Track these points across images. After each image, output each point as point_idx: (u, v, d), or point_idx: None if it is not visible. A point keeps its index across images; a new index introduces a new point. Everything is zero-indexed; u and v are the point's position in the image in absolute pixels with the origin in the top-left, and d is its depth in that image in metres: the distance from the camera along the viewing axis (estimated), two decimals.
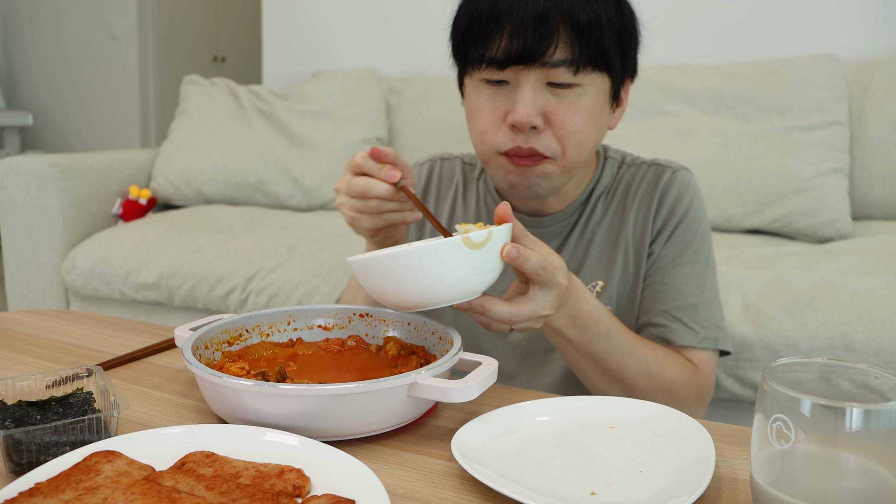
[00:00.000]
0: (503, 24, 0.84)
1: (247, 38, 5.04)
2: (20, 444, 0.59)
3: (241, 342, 0.81)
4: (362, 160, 0.82)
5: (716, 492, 0.58)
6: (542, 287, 0.73)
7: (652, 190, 0.99)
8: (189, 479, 0.54)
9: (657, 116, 2.13)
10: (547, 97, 0.86)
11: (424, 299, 0.70)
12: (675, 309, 0.94)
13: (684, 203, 0.98)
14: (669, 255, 0.97)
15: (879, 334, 1.35)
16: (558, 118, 0.87)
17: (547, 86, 0.86)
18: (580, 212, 1.02)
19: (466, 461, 0.59)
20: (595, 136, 0.91)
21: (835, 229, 1.90)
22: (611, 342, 0.84)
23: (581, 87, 0.86)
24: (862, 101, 2.04)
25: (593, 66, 0.85)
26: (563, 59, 0.84)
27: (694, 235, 0.97)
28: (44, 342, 0.94)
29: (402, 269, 0.68)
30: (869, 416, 0.45)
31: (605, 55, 0.86)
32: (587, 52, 0.84)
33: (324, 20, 2.91)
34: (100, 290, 2.08)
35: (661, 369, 0.88)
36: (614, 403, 0.72)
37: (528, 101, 0.85)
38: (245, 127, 2.50)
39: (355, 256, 0.72)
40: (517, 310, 0.72)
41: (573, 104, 0.87)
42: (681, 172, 1.00)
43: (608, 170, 1.03)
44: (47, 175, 2.16)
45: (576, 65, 0.84)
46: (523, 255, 0.70)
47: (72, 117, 4.90)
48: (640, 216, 0.99)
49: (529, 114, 0.85)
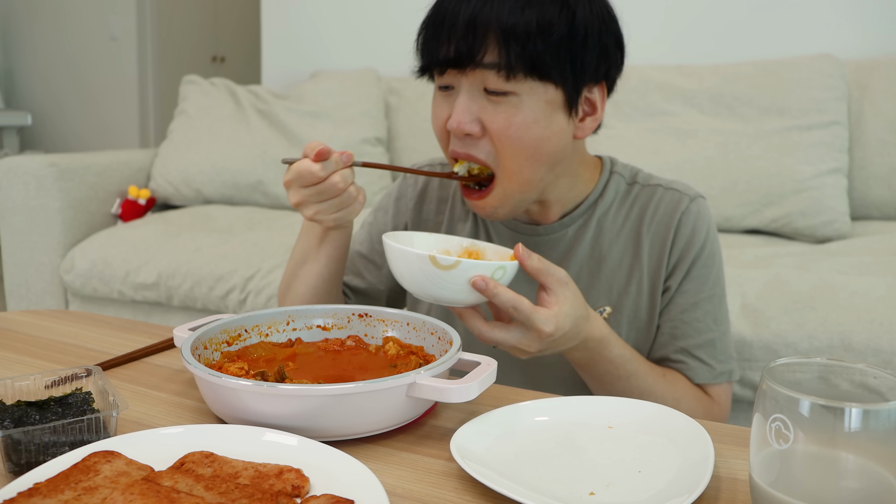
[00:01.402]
0: (440, 31, 0.86)
1: (246, 38, 5.04)
2: (19, 444, 0.59)
3: (240, 342, 0.81)
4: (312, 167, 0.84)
5: (715, 492, 0.58)
6: (520, 326, 0.77)
7: (669, 219, 0.97)
8: (188, 480, 0.54)
9: (656, 116, 2.13)
10: (483, 104, 0.86)
11: (410, 289, 0.79)
12: (693, 347, 0.96)
13: (701, 236, 0.97)
14: (689, 292, 0.96)
15: (878, 334, 1.35)
16: (494, 126, 0.86)
17: (484, 92, 0.86)
18: (584, 226, 0.99)
19: (465, 461, 0.59)
20: (542, 148, 0.88)
21: (834, 229, 1.91)
22: (629, 383, 0.88)
23: (517, 95, 0.85)
24: (861, 102, 2.04)
25: (525, 74, 0.84)
26: (492, 63, 0.83)
27: (711, 269, 0.97)
28: (43, 342, 0.94)
29: (392, 259, 0.79)
30: (868, 416, 0.45)
31: (539, 63, 0.83)
32: (517, 57, 0.83)
33: (323, 20, 2.91)
34: (99, 290, 2.08)
35: (676, 406, 0.90)
36: (614, 403, 0.72)
37: (463, 106, 0.86)
38: (244, 127, 2.50)
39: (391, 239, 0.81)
40: (487, 330, 0.78)
41: (508, 113, 0.86)
42: (698, 202, 0.98)
43: (613, 185, 1.00)
44: (46, 175, 2.16)
45: (506, 70, 0.83)
46: (492, 290, 0.74)
47: (71, 117, 4.90)
48: (656, 246, 0.97)
49: (462, 120, 0.86)
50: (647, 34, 2.41)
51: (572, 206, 1.00)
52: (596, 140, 2.13)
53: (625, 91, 2.17)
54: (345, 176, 0.85)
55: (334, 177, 0.84)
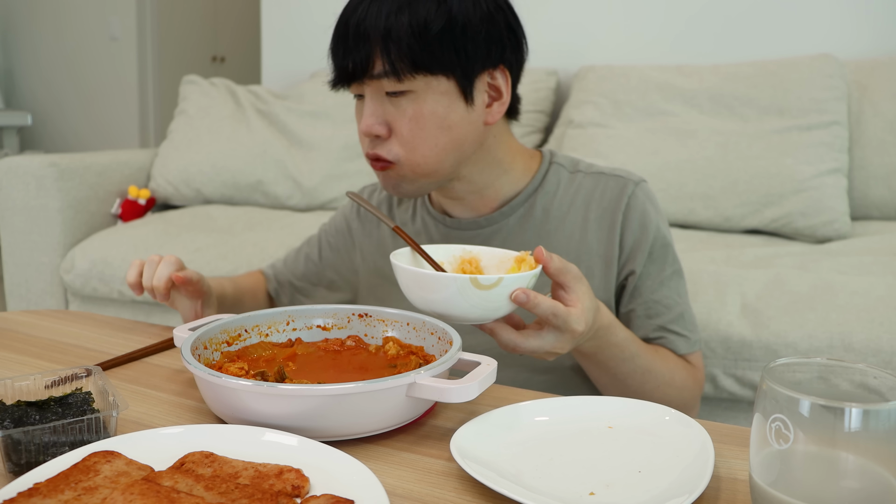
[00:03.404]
0: (339, 46, 0.92)
1: (246, 38, 5.04)
2: (19, 444, 0.59)
3: (240, 342, 0.81)
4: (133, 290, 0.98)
5: (715, 492, 0.58)
6: (554, 330, 0.77)
7: (616, 204, 1.00)
8: (188, 480, 0.54)
9: (656, 116, 2.13)
10: (387, 106, 0.92)
11: (437, 313, 0.77)
12: (669, 322, 1.01)
13: (653, 218, 1.01)
14: (654, 273, 1.01)
15: (878, 334, 1.35)
16: (397, 125, 0.91)
17: (386, 95, 0.91)
18: (526, 215, 1.02)
19: (465, 461, 0.59)
20: (445, 136, 0.92)
21: (834, 229, 1.90)
22: (634, 364, 0.91)
23: (413, 92, 0.90)
24: (861, 102, 2.04)
25: (415, 71, 0.88)
26: (381, 72, 0.88)
27: (667, 248, 1.02)
28: (43, 342, 0.94)
29: (417, 285, 0.76)
30: (868, 416, 0.45)
31: (420, 60, 0.88)
32: (400, 59, 0.87)
33: (323, 20, 2.89)
34: (99, 290, 2.08)
35: (673, 379, 0.96)
36: (613, 403, 0.72)
37: (369, 111, 0.92)
38: (244, 127, 2.50)
39: (400, 260, 0.80)
40: (523, 341, 0.77)
41: (407, 110, 0.91)
42: (642, 186, 1.02)
43: (553, 175, 1.04)
44: (46, 175, 2.16)
45: (396, 74, 0.88)
46: (533, 301, 0.74)
47: (71, 117, 4.90)
48: (603, 230, 1.01)
49: (370, 124, 0.92)
50: (646, 34, 2.41)
51: (509, 197, 1.03)
52: (596, 140, 2.13)
53: (625, 91, 2.17)
54: (157, 290, 0.96)
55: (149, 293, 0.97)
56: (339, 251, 1.20)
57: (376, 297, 1.14)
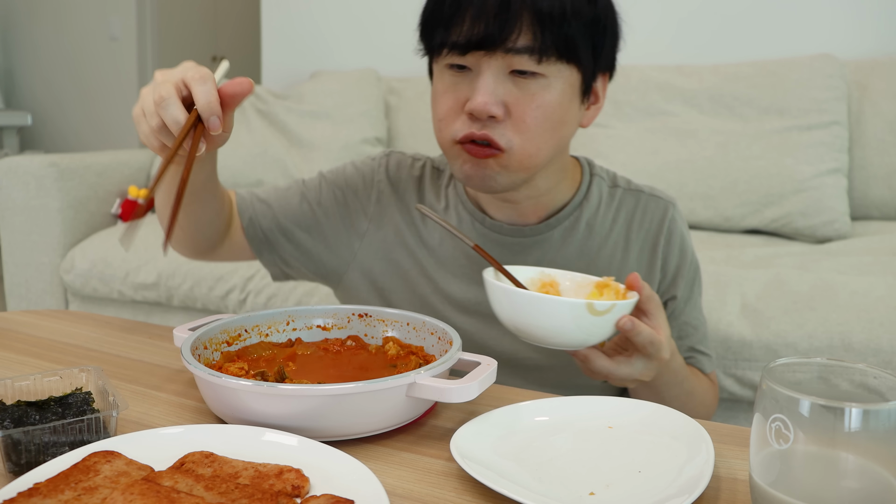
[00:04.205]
0: (466, 9, 0.81)
1: (246, 37, 5.04)
2: (19, 444, 0.59)
3: (240, 342, 0.81)
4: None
5: (715, 492, 0.58)
6: (646, 358, 0.79)
7: (658, 227, 0.99)
8: (188, 480, 0.54)
9: (656, 116, 2.13)
10: (509, 86, 0.83)
11: (533, 336, 0.76)
12: (697, 343, 1.02)
13: (688, 242, 1.02)
14: (686, 296, 1.01)
15: (878, 334, 1.35)
16: (519, 109, 0.83)
17: (510, 74, 0.83)
18: (571, 228, 0.98)
19: (465, 461, 0.59)
20: (559, 132, 0.87)
21: (834, 229, 1.91)
22: (682, 388, 0.92)
23: (545, 77, 0.83)
24: (861, 102, 2.04)
25: (558, 56, 0.82)
26: (525, 46, 0.81)
27: (697, 271, 1.03)
28: (43, 342, 0.94)
29: (524, 309, 0.74)
30: (868, 417, 0.45)
31: (571, 45, 0.82)
32: (551, 40, 0.81)
33: (323, 20, 2.91)
34: (99, 290, 2.08)
35: (704, 399, 0.98)
36: (613, 403, 0.72)
37: (488, 88, 0.82)
38: (244, 127, 2.50)
39: (492, 278, 0.79)
40: (616, 368, 0.79)
41: (536, 95, 0.83)
42: (678, 208, 1.02)
43: (595, 187, 1.00)
44: (46, 175, 2.16)
45: (539, 53, 0.81)
46: (637, 328, 0.75)
47: (71, 117, 4.90)
48: (645, 252, 0.99)
49: (488, 102, 0.81)
50: (646, 34, 2.41)
51: (556, 208, 0.98)
52: (596, 140, 2.13)
53: (625, 91, 2.17)
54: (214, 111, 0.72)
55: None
56: (348, 207, 1.03)
57: (377, 286, 1.03)
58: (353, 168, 1.06)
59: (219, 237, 1.01)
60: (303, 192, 1.04)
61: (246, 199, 1.03)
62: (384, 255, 1.03)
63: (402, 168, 1.05)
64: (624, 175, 1.05)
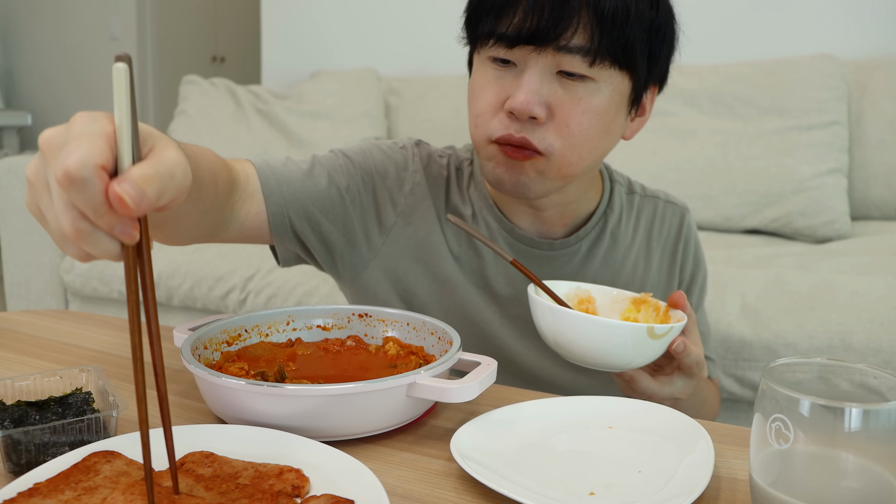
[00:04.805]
0: (519, 1, 0.75)
1: (246, 37, 5.04)
2: (19, 444, 0.58)
3: (240, 342, 0.81)
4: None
5: (715, 492, 0.58)
6: (688, 376, 0.79)
7: (676, 234, 0.99)
8: (188, 479, 0.54)
9: (656, 116, 2.13)
10: (554, 87, 0.77)
11: (580, 357, 0.75)
12: (705, 349, 1.00)
13: (702, 249, 1.02)
14: (697, 303, 1.02)
15: (878, 334, 1.35)
16: (563, 112, 0.77)
17: (557, 74, 0.77)
18: (597, 239, 0.95)
19: (465, 461, 0.58)
20: (603, 141, 0.81)
21: (834, 229, 1.91)
22: (699, 397, 0.91)
23: (595, 82, 0.77)
24: (861, 102, 2.04)
25: (612, 60, 0.76)
26: (579, 46, 0.74)
27: (706, 277, 1.04)
28: (43, 342, 0.94)
29: (578, 331, 0.73)
30: (868, 417, 0.45)
31: (628, 50, 0.76)
32: (608, 42, 0.74)
33: (323, 20, 2.91)
34: (99, 291, 2.08)
35: (713, 405, 1.00)
36: (614, 403, 0.72)
37: (533, 87, 0.76)
38: (244, 127, 2.50)
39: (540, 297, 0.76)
40: (660, 388, 0.78)
41: (583, 100, 0.77)
42: (690, 214, 1.02)
43: (616, 195, 0.96)
44: None
45: (593, 54, 0.75)
46: (688, 350, 0.76)
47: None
48: (665, 260, 0.99)
49: (531, 101, 0.75)
50: None
51: (581, 216, 0.94)
52: None
53: None
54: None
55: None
56: (375, 196, 0.92)
57: (400, 287, 0.94)
58: (381, 152, 0.93)
59: (211, 232, 0.80)
60: (330, 175, 0.89)
61: (272, 183, 0.85)
62: (412, 254, 0.93)
63: (433, 164, 0.96)
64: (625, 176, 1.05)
